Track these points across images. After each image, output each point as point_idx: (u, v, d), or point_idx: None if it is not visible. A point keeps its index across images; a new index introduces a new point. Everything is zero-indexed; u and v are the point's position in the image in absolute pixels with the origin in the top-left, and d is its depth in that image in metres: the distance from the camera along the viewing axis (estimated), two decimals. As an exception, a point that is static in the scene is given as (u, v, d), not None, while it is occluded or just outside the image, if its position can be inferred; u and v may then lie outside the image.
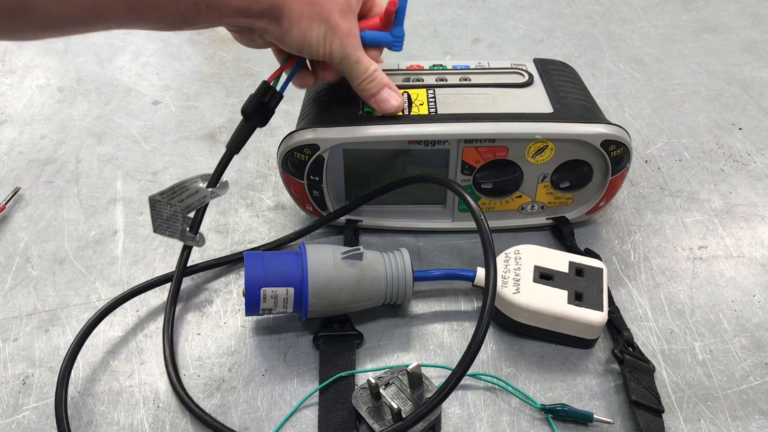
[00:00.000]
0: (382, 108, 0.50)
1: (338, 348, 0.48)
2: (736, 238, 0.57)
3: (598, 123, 0.51)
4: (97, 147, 0.67)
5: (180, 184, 0.48)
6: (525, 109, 0.51)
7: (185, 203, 0.48)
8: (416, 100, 0.52)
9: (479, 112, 0.51)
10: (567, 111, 0.51)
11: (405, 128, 0.50)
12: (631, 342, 0.48)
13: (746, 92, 0.72)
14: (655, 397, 0.44)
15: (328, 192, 0.54)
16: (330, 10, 0.44)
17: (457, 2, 0.90)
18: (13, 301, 0.53)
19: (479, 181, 0.54)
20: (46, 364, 0.48)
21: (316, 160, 0.51)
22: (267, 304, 0.46)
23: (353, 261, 0.47)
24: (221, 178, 0.49)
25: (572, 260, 0.50)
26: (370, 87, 0.49)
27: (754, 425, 0.44)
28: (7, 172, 0.65)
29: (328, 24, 0.44)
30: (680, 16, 0.85)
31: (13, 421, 0.45)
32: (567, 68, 0.59)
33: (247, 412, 0.45)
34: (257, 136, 0.69)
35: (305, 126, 0.51)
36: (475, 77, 0.55)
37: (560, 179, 0.54)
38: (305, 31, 0.44)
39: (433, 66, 0.56)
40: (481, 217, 0.45)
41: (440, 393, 0.40)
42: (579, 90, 0.55)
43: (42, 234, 0.58)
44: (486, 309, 0.41)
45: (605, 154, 0.51)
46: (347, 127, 0.50)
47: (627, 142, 0.51)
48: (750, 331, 0.49)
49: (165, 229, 0.49)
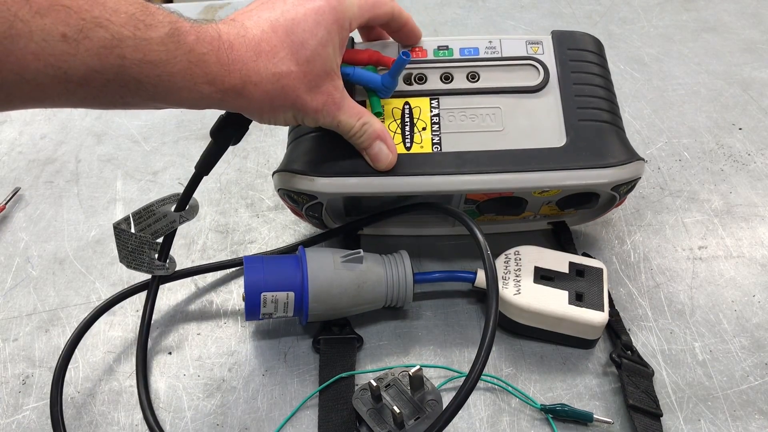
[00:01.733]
0: (374, 164, 0.45)
1: (338, 351, 0.48)
2: (736, 238, 0.57)
3: (611, 167, 0.46)
4: (97, 147, 0.67)
5: (147, 208, 0.45)
6: (535, 139, 0.46)
7: (153, 228, 0.46)
8: (418, 123, 0.47)
9: (486, 150, 0.46)
10: (580, 143, 0.46)
11: (408, 182, 0.46)
12: (630, 346, 0.48)
13: (746, 92, 0.72)
14: (653, 401, 0.44)
15: (328, 217, 0.53)
16: (296, 96, 0.40)
17: (457, 2, 0.90)
18: (13, 301, 0.53)
19: (483, 210, 0.52)
20: (46, 364, 0.48)
21: (315, 204, 0.48)
22: (267, 309, 0.46)
23: (353, 264, 0.47)
24: (190, 201, 0.47)
25: (572, 261, 0.50)
26: (359, 142, 0.45)
27: (754, 425, 0.44)
28: (7, 172, 0.65)
29: (295, 108, 0.41)
30: (680, 16, 0.85)
31: (13, 421, 0.45)
32: (589, 48, 0.51)
33: (247, 412, 0.45)
34: (257, 136, 0.69)
35: (299, 162, 0.46)
36: (484, 74, 0.49)
37: (565, 205, 0.52)
38: (269, 119, 0.42)
39: (438, 51, 0.49)
40: (487, 252, 0.44)
41: (447, 412, 0.39)
42: (600, 91, 0.49)
43: (42, 234, 0.58)
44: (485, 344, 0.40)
45: (615, 193, 0.48)
46: (347, 180, 0.45)
47: (640, 175, 0.47)
48: (750, 331, 0.49)
49: (130, 261, 0.46)
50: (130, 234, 0.45)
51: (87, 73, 0.32)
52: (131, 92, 0.35)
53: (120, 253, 0.46)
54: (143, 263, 0.47)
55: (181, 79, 0.36)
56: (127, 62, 0.33)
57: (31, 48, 0.30)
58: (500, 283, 0.48)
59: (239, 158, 0.65)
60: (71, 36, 0.31)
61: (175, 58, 0.35)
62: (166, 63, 0.35)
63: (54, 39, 0.31)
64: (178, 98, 0.37)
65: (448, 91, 0.48)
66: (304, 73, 0.40)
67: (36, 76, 0.31)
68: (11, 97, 0.32)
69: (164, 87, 0.35)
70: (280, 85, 0.39)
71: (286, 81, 0.39)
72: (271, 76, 0.39)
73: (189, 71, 0.36)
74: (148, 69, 0.34)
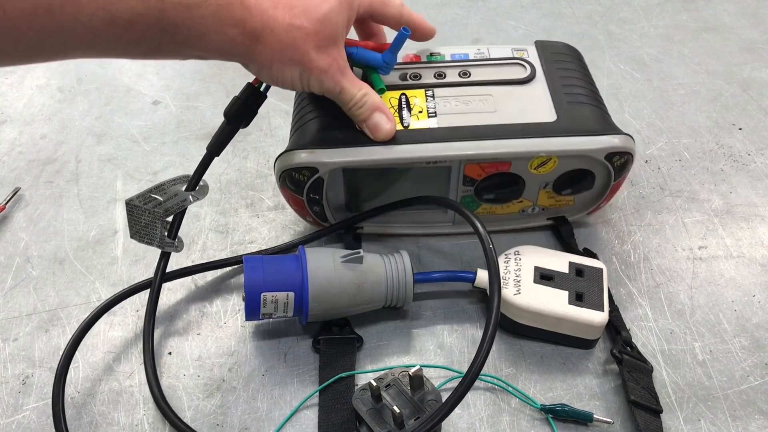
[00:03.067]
0: (373, 134, 0.48)
1: (338, 351, 0.48)
2: (736, 238, 0.57)
3: (602, 134, 0.48)
4: (97, 147, 0.67)
5: (159, 187, 0.47)
6: (527, 117, 0.49)
7: (164, 206, 0.47)
8: (414, 108, 0.50)
9: (481, 125, 0.49)
10: (571, 118, 0.49)
11: (406, 150, 0.48)
12: (630, 342, 0.48)
13: (746, 92, 0.72)
14: (653, 397, 0.44)
15: (328, 207, 0.53)
16: (305, 51, 0.43)
17: (457, 2, 0.90)
18: (13, 301, 0.53)
19: (481, 192, 0.53)
20: (46, 364, 0.48)
21: (316, 180, 0.50)
22: (267, 309, 0.46)
23: (353, 264, 0.47)
24: (201, 182, 0.48)
25: (572, 260, 0.50)
26: (359, 113, 0.47)
27: (754, 425, 0.44)
28: (7, 172, 0.65)
29: (302, 65, 0.43)
30: (680, 16, 0.85)
31: (13, 421, 0.45)
32: (570, 53, 0.56)
33: (247, 412, 0.45)
34: (257, 136, 0.69)
35: (301, 144, 0.49)
36: (475, 71, 0.52)
37: (562, 186, 0.53)
38: (277, 74, 0.44)
39: (431, 56, 0.54)
40: (489, 245, 0.45)
41: (446, 405, 0.40)
42: (583, 83, 0.53)
43: (42, 234, 0.58)
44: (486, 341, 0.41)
45: (609, 164, 0.50)
46: (347, 149, 0.48)
47: (632, 150, 0.49)
48: (750, 331, 0.49)
49: (143, 236, 0.47)
50: (143, 209, 0.47)
51: (132, 16, 0.35)
52: (168, 36, 0.38)
53: (132, 228, 0.47)
54: (155, 238, 0.48)
55: (211, 22, 0.39)
56: (165, 5, 0.36)
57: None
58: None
59: (239, 158, 0.65)
60: None
61: (205, 1, 0.38)
62: (198, 6, 0.38)
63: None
64: (207, 42, 0.40)
65: (442, 84, 0.52)
66: (315, 32, 0.42)
67: (90, 20, 0.34)
68: (67, 43, 0.35)
69: (197, 30, 0.39)
70: (292, 36, 0.42)
71: (297, 33, 0.42)
72: (286, 26, 0.42)
73: (217, 14, 0.39)
74: (184, 12, 0.37)
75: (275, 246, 0.55)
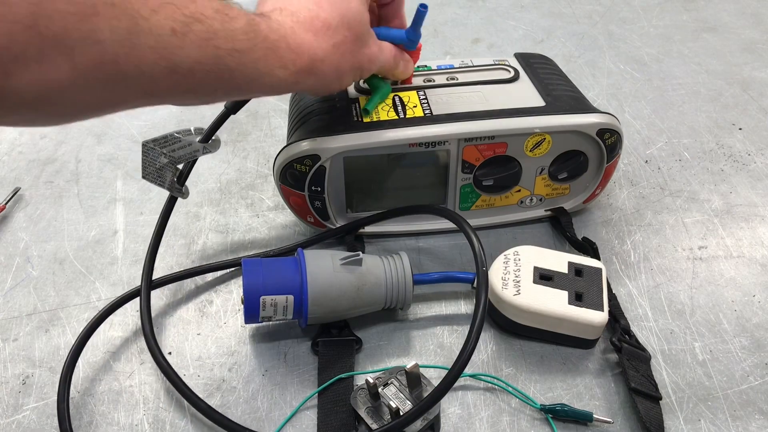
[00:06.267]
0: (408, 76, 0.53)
1: (337, 353, 0.48)
2: (736, 238, 0.57)
3: (592, 113, 0.52)
4: (97, 147, 0.67)
5: (173, 135, 0.48)
6: (518, 104, 0.52)
7: (177, 154, 0.48)
8: (409, 103, 0.52)
9: (476, 110, 0.51)
10: (559, 103, 0.53)
11: (406, 131, 0.50)
12: (628, 330, 0.48)
13: (746, 92, 0.72)
14: (652, 385, 0.45)
15: (329, 202, 0.54)
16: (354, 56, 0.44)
17: (457, 2, 0.90)
18: (13, 301, 0.53)
19: (480, 179, 0.54)
20: (46, 364, 0.48)
21: (318, 170, 0.51)
22: (266, 312, 0.46)
23: (353, 267, 0.47)
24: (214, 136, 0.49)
25: (571, 260, 0.50)
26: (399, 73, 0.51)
27: (754, 425, 0.44)
28: (7, 172, 0.65)
29: (354, 68, 0.45)
30: (680, 16, 0.85)
31: (13, 421, 0.45)
32: (548, 61, 0.60)
33: (247, 412, 0.45)
34: (257, 136, 0.69)
35: (301, 137, 0.50)
36: (462, 75, 0.56)
37: (557, 171, 0.55)
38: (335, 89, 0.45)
39: (418, 67, 0.57)
40: (479, 252, 0.46)
41: (439, 388, 0.40)
42: (564, 81, 0.57)
43: (42, 234, 0.58)
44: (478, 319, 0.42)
45: (601, 142, 0.52)
46: (348, 135, 0.50)
47: (619, 129, 0.53)
48: (750, 331, 0.49)
49: (155, 178, 0.49)
50: (160, 152, 0.48)
51: (191, 65, 0.35)
52: (223, 82, 0.38)
53: (145, 169, 0.48)
54: (165, 181, 0.49)
55: (263, 65, 0.39)
56: (221, 52, 0.36)
57: (150, 42, 0.33)
58: (500, 284, 0.48)
59: (239, 158, 0.65)
60: (179, 30, 0.34)
61: (255, 46, 0.38)
62: (250, 51, 0.38)
63: (166, 34, 0.33)
64: (260, 84, 0.40)
65: (432, 86, 0.55)
66: (355, 35, 0.44)
67: (152, 69, 0.34)
68: (128, 91, 0.34)
69: (250, 74, 0.39)
70: (340, 52, 0.43)
71: (344, 47, 0.43)
72: (331, 48, 0.42)
73: (266, 58, 0.39)
74: (238, 57, 0.37)
75: (275, 248, 0.55)
